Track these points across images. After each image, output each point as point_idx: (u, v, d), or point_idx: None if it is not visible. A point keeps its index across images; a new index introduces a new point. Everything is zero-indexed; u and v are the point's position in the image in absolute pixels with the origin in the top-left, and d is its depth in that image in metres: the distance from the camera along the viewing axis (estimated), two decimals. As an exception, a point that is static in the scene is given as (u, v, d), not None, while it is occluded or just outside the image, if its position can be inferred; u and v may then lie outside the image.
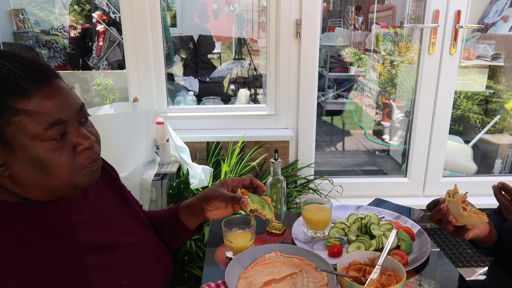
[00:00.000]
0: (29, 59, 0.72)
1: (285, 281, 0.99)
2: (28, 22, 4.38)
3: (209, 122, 2.51)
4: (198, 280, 1.89)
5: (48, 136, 0.70)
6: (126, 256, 0.87)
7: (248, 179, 1.02)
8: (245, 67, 5.29)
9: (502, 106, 3.20)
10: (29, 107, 0.68)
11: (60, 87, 0.73)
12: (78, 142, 0.75)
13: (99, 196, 0.92)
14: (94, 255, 0.81)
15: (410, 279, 1.07)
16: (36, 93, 0.69)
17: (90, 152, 0.77)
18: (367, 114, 4.73)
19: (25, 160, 0.70)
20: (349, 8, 5.85)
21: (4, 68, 0.68)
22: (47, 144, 0.71)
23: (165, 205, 2.12)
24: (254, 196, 0.99)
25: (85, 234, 0.82)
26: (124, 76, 2.49)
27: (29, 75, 0.69)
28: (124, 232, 0.91)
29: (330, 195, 2.45)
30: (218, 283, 1.03)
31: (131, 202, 1.01)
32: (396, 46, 3.95)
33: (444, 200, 1.03)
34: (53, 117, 0.70)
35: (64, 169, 0.73)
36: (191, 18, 6.28)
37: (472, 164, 3.09)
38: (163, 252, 0.99)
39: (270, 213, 1.00)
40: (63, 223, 0.80)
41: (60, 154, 0.72)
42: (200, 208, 0.99)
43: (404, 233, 1.18)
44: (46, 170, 0.72)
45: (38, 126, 0.69)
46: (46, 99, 0.70)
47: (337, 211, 1.38)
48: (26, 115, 0.68)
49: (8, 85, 0.67)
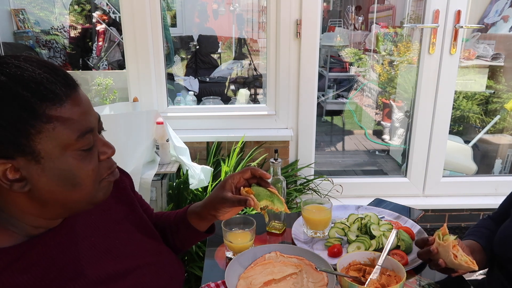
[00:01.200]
0: (55, 66, 0.69)
1: (285, 281, 0.99)
2: (28, 22, 4.38)
3: (209, 122, 2.51)
4: (198, 280, 1.89)
5: (81, 145, 0.67)
6: (137, 280, 0.83)
7: (248, 171, 0.97)
8: (245, 67, 5.29)
9: (502, 106, 3.20)
10: (62, 113, 0.65)
11: (83, 95, 0.71)
12: (103, 150, 0.73)
13: (106, 214, 0.88)
14: (102, 287, 0.77)
15: (410, 279, 1.07)
16: (67, 99, 0.66)
17: (110, 162, 0.76)
18: (367, 114, 4.73)
19: (52, 173, 0.66)
20: (349, 8, 5.85)
21: (35, 73, 0.64)
22: (76, 153, 0.68)
23: (165, 205, 2.12)
24: (260, 190, 0.95)
25: (92, 268, 0.77)
26: (124, 76, 2.49)
27: (60, 81, 0.66)
28: (133, 254, 0.87)
29: (330, 195, 2.45)
30: (218, 283, 1.03)
31: (141, 215, 0.97)
32: (396, 46, 3.95)
33: (433, 240, 1.02)
34: (84, 125, 0.68)
35: (91, 180, 0.71)
36: (191, 18, 6.28)
37: (472, 164, 3.09)
38: (175, 267, 0.95)
39: (282, 205, 0.95)
40: (67, 259, 0.75)
41: (88, 164, 0.70)
42: (210, 215, 0.98)
43: (404, 233, 1.18)
44: (74, 182, 0.69)
45: (71, 134, 0.66)
46: (76, 106, 0.67)
47: (337, 211, 1.38)
48: (59, 122, 0.64)
49: (41, 90, 0.63)
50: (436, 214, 2.57)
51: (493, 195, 2.58)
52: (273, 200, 0.94)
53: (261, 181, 0.98)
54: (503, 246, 1.12)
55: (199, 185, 2.15)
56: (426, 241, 1.05)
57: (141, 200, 1.03)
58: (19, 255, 0.68)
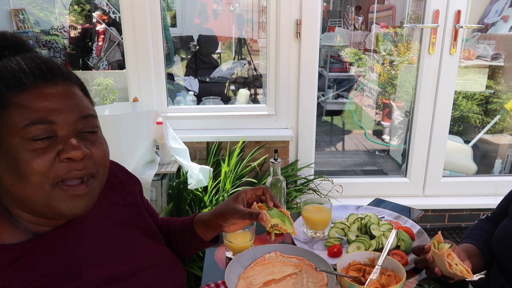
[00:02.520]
0: (45, 59, 0.70)
1: (285, 281, 0.99)
2: (28, 22, 4.38)
3: (209, 122, 2.51)
4: (198, 280, 1.89)
5: (29, 134, 0.65)
6: (140, 282, 0.83)
7: (261, 189, 0.98)
8: (245, 67, 5.29)
9: (502, 106, 3.20)
10: (20, 101, 0.65)
11: (65, 91, 0.69)
12: (63, 149, 0.67)
13: (113, 217, 0.88)
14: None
15: (410, 279, 1.07)
16: (32, 88, 0.66)
17: (74, 166, 0.68)
18: (367, 114, 4.73)
19: (6, 160, 0.66)
20: (349, 8, 5.85)
21: (13, 62, 0.67)
22: (29, 144, 0.65)
23: (165, 205, 2.12)
24: (272, 209, 0.96)
25: (96, 269, 0.76)
26: (124, 76, 2.49)
27: (34, 72, 0.67)
28: (137, 256, 0.86)
29: (330, 195, 2.45)
30: (218, 283, 1.04)
31: (147, 219, 0.97)
32: (396, 46, 3.95)
33: (429, 248, 1.03)
34: (39, 115, 0.65)
35: (39, 175, 0.65)
36: (191, 18, 6.28)
37: (472, 164, 3.09)
38: (177, 270, 0.95)
39: (291, 227, 0.96)
40: (71, 259, 0.74)
41: (36, 157, 0.65)
42: (217, 225, 0.97)
43: (404, 233, 1.18)
44: (20, 174, 0.65)
45: (20, 122, 0.65)
46: (40, 97, 0.66)
47: (337, 211, 1.38)
48: (15, 109, 0.65)
49: (7, 78, 0.66)
50: (436, 214, 2.57)
51: (493, 195, 2.58)
52: (284, 220, 0.95)
53: (266, 201, 0.98)
54: (502, 245, 1.12)
55: (197, 185, 2.15)
56: (422, 249, 1.06)
57: (147, 205, 1.04)
58: (24, 252, 0.68)
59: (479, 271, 1.18)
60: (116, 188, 0.92)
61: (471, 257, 1.13)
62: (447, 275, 1.01)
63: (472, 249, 1.17)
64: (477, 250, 1.17)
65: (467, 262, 1.10)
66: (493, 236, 1.17)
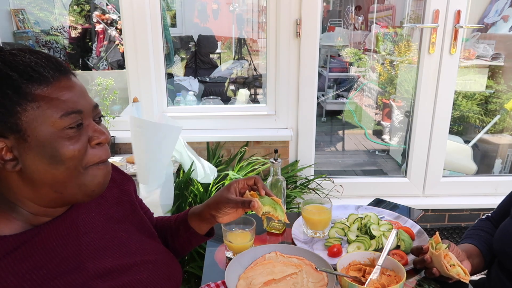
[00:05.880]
0: (49, 54, 0.74)
1: (285, 281, 0.99)
2: (28, 22, 4.37)
3: (209, 122, 2.51)
4: (198, 280, 1.89)
5: (64, 123, 0.70)
6: (134, 277, 0.84)
7: (252, 179, 1.01)
8: (245, 67, 5.29)
9: (502, 106, 3.20)
10: (48, 94, 0.69)
11: (76, 82, 0.75)
12: (94, 135, 0.74)
13: (107, 213, 0.89)
14: (100, 281, 0.78)
15: (410, 279, 1.07)
16: (55, 81, 0.70)
17: (102, 151, 0.76)
18: (367, 114, 4.73)
19: (38, 150, 0.69)
20: (349, 8, 5.85)
21: (25, 58, 0.70)
22: (63, 132, 0.70)
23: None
24: (264, 197, 0.99)
25: (91, 262, 0.79)
26: (124, 76, 2.49)
27: (49, 65, 0.71)
28: (131, 252, 0.88)
29: (330, 195, 2.45)
30: (218, 283, 1.03)
31: (142, 216, 0.99)
32: (396, 46, 3.95)
33: (427, 248, 1.04)
34: (70, 106, 0.71)
35: (75, 160, 0.72)
36: (191, 18, 6.28)
37: (472, 164, 3.09)
38: (173, 266, 0.96)
39: (283, 214, 0.99)
40: (67, 251, 0.76)
41: (74, 143, 0.71)
42: (211, 216, 0.99)
43: (404, 233, 1.18)
44: (58, 160, 0.70)
45: (55, 113, 0.69)
46: (64, 89, 0.71)
47: (337, 211, 1.38)
48: (44, 102, 0.68)
49: (28, 72, 0.68)
50: (436, 214, 2.57)
51: (493, 195, 2.58)
52: (275, 207, 0.98)
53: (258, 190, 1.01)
54: (504, 244, 1.12)
55: (205, 180, 2.14)
56: (421, 249, 1.06)
57: (142, 203, 1.06)
58: (20, 243, 0.70)
59: (479, 271, 1.18)
60: (110, 186, 0.93)
61: (470, 257, 1.13)
62: (445, 276, 1.01)
63: (472, 249, 1.17)
64: (477, 250, 1.17)
65: (466, 262, 1.10)
66: (494, 235, 1.17)
